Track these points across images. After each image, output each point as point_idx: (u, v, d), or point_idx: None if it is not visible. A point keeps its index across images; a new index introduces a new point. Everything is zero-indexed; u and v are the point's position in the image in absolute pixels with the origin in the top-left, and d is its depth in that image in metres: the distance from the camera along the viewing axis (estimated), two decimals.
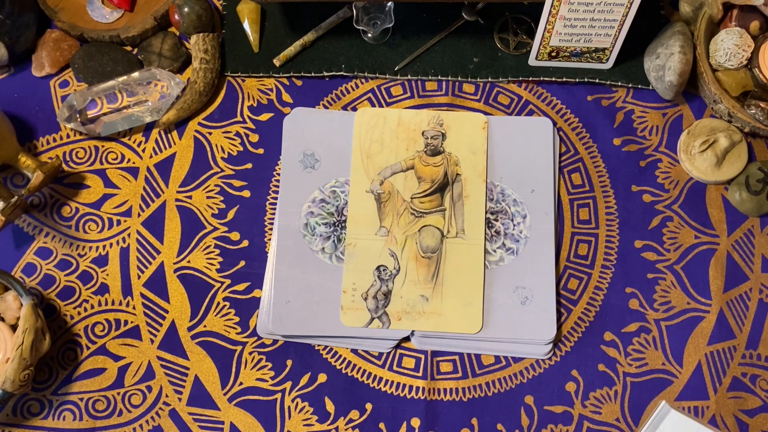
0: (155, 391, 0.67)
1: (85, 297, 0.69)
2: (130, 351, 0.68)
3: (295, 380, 0.67)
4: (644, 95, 0.75)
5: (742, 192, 0.70)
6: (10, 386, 0.60)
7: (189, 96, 0.73)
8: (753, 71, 0.72)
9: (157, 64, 0.75)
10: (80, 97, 0.72)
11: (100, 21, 0.76)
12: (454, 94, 0.75)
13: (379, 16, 0.74)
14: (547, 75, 0.74)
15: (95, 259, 0.70)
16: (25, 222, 0.71)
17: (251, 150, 0.73)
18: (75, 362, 0.67)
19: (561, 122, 0.74)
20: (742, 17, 0.73)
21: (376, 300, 0.67)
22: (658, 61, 0.72)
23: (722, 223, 0.71)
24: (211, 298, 0.69)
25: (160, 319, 0.69)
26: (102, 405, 0.66)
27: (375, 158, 0.71)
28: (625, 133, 0.74)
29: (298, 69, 0.75)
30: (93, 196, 0.72)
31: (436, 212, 0.70)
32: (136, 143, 0.74)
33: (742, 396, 0.66)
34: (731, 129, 0.72)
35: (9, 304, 0.64)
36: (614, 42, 0.71)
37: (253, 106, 0.75)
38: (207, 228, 0.71)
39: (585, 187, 0.72)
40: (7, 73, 0.76)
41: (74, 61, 0.75)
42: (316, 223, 0.70)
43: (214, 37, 0.74)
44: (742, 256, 0.70)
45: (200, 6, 0.73)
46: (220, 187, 0.72)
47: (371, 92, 0.75)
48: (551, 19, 0.69)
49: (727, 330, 0.68)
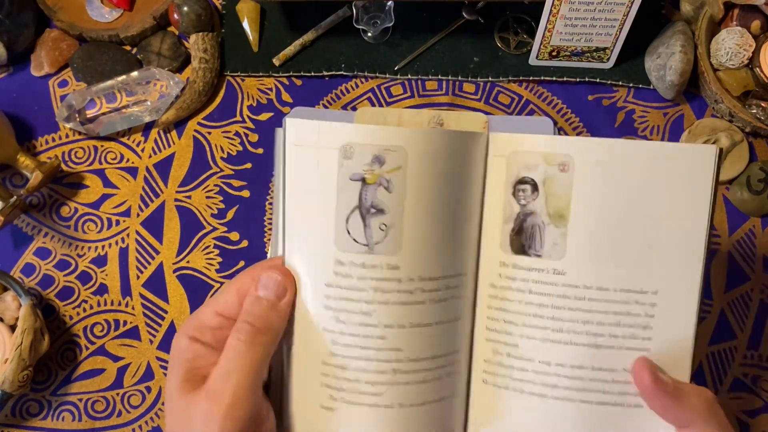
0: (155, 391, 0.67)
1: (84, 297, 0.69)
2: (129, 351, 0.68)
3: None
4: (645, 95, 0.75)
5: (744, 192, 0.70)
6: (8, 387, 0.60)
7: (188, 95, 0.72)
8: (754, 71, 0.71)
9: (156, 64, 0.75)
10: (79, 97, 0.72)
11: (99, 20, 0.76)
12: (454, 94, 0.75)
13: (378, 15, 0.74)
14: (548, 74, 0.74)
15: (94, 260, 0.70)
16: (23, 222, 0.71)
17: (251, 150, 0.73)
18: (74, 363, 0.67)
19: (562, 122, 0.74)
20: (743, 17, 0.72)
21: None
22: (659, 60, 0.71)
23: (723, 223, 0.71)
24: None
25: (160, 319, 0.68)
26: (101, 405, 0.66)
27: None
28: (626, 132, 0.73)
29: (297, 68, 0.75)
30: (92, 196, 0.72)
31: None
32: (135, 143, 0.73)
33: (743, 396, 0.66)
34: (732, 129, 0.72)
35: (8, 304, 0.64)
36: (615, 41, 0.71)
37: (253, 105, 0.74)
38: (206, 228, 0.71)
39: None
40: (5, 73, 0.76)
41: (73, 61, 0.74)
42: None
43: (214, 37, 0.74)
44: (744, 256, 0.70)
45: (200, 5, 0.73)
46: (220, 187, 0.72)
47: (371, 92, 0.75)
48: (552, 19, 0.68)
49: (728, 330, 0.68)
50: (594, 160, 0.39)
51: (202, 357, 0.39)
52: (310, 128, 0.38)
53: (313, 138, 0.38)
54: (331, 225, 0.38)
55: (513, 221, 0.40)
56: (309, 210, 0.39)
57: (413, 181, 0.38)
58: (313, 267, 0.39)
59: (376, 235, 0.38)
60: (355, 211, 0.38)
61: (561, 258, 0.39)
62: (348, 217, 0.38)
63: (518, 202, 0.40)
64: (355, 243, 0.38)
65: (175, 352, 0.40)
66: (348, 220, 0.38)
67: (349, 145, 0.38)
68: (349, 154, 0.38)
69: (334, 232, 0.38)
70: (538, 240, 0.40)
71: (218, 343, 0.39)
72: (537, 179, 0.40)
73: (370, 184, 0.38)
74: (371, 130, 0.38)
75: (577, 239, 0.39)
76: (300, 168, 0.39)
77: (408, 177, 0.38)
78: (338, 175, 0.38)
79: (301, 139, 0.39)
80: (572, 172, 0.39)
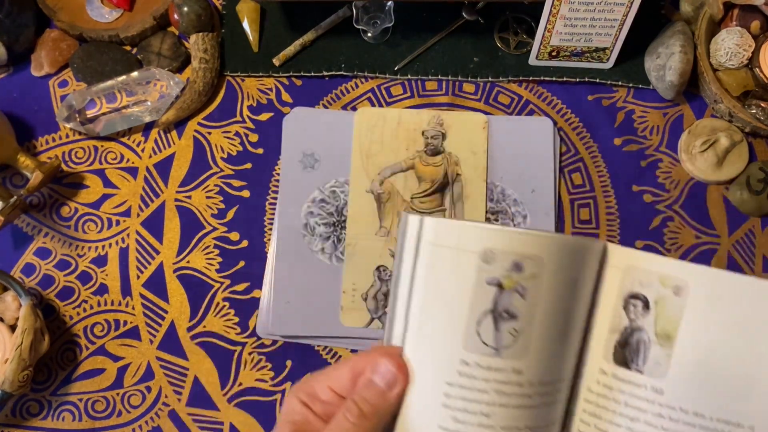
0: (155, 391, 0.67)
1: (84, 297, 0.69)
2: (129, 351, 0.68)
3: (294, 381, 0.67)
4: (645, 95, 0.75)
5: (743, 192, 0.70)
6: (9, 387, 0.60)
7: (188, 96, 0.72)
8: (754, 71, 0.71)
9: (156, 64, 0.75)
10: (79, 97, 0.72)
11: (99, 20, 0.76)
12: (454, 94, 0.75)
13: (378, 15, 0.74)
14: (548, 75, 0.74)
15: (94, 260, 0.70)
16: (24, 222, 0.71)
17: (251, 150, 0.73)
18: (74, 363, 0.67)
19: (561, 122, 0.74)
20: (742, 17, 0.72)
21: (376, 300, 0.67)
22: (659, 60, 0.71)
23: (723, 224, 0.71)
24: (210, 299, 0.69)
25: (160, 319, 0.68)
26: (101, 405, 0.66)
27: (375, 158, 0.71)
28: (626, 132, 0.73)
29: (297, 69, 0.75)
30: (92, 196, 0.72)
31: (437, 212, 0.70)
32: (135, 143, 0.73)
33: None
34: (732, 129, 0.72)
35: (8, 304, 0.64)
36: (615, 41, 0.71)
37: (253, 105, 0.74)
38: (206, 228, 0.71)
39: (585, 187, 0.72)
40: (6, 73, 0.76)
41: (73, 61, 0.74)
42: (316, 223, 0.69)
43: (214, 37, 0.74)
44: (743, 256, 0.70)
45: (200, 5, 0.73)
46: (220, 187, 0.72)
47: (371, 92, 0.75)
48: (552, 19, 0.68)
49: None
50: (710, 290, 0.39)
51: (310, 423, 0.40)
52: (451, 229, 0.38)
53: (453, 240, 0.38)
54: (461, 325, 0.38)
55: (620, 333, 0.41)
56: (439, 308, 0.39)
57: (546, 289, 0.39)
58: (435, 364, 0.39)
59: (506, 339, 0.38)
60: (487, 315, 0.38)
61: (662, 377, 0.39)
62: (480, 319, 0.38)
63: (628, 316, 0.41)
64: (483, 345, 0.38)
65: (286, 410, 0.42)
66: (480, 322, 0.38)
67: (490, 250, 0.37)
68: (489, 259, 0.38)
69: (464, 332, 0.38)
70: (642, 356, 0.40)
71: (326, 415, 0.41)
72: (650, 297, 0.40)
73: (505, 290, 0.38)
74: (513, 236, 0.38)
75: (681, 362, 0.39)
76: (435, 267, 0.39)
77: (543, 284, 0.38)
78: (476, 278, 0.38)
79: (440, 240, 0.38)
80: (686, 298, 0.39)
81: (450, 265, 0.38)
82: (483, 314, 0.38)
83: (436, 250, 0.39)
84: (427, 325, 0.39)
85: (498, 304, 0.38)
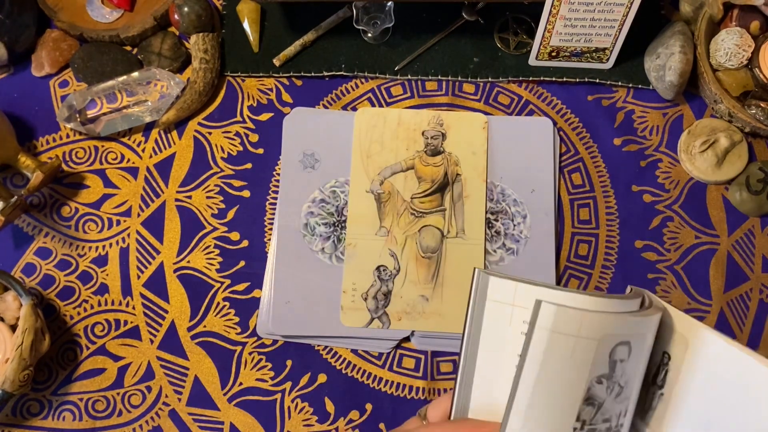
0: (155, 391, 0.67)
1: (84, 297, 0.69)
2: (129, 351, 0.68)
3: (295, 380, 0.67)
4: (644, 95, 0.75)
5: (743, 192, 0.70)
6: (9, 386, 0.60)
7: (189, 96, 0.72)
8: (753, 71, 0.72)
9: (156, 64, 0.75)
10: (80, 97, 0.72)
11: (99, 21, 0.76)
12: (454, 94, 0.75)
13: (379, 15, 0.74)
14: (548, 75, 0.74)
15: (95, 259, 0.70)
16: (24, 222, 0.71)
17: (251, 150, 0.73)
18: (75, 362, 0.67)
19: (561, 122, 0.74)
20: (742, 17, 0.72)
21: (376, 300, 0.67)
22: (659, 61, 0.72)
23: (723, 224, 0.71)
24: (210, 299, 0.69)
25: (160, 319, 0.69)
26: (102, 405, 0.66)
27: (375, 158, 0.71)
28: (626, 133, 0.74)
29: (298, 69, 0.75)
30: (93, 196, 0.72)
31: (436, 212, 0.70)
32: (135, 143, 0.73)
33: None
34: (732, 129, 0.72)
35: (8, 304, 0.64)
36: (614, 42, 0.71)
37: (253, 105, 0.74)
38: (207, 228, 0.71)
39: (585, 187, 0.72)
40: (6, 73, 0.76)
41: (74, 61, 0.75)
42: (316, 223, 0.70)
43: (214, 37, 0.74)
44: (743, 256, 0.70)
45: (200, 6, 0.73)
46: (220, 187, 0.72)
47: (371, 92, 0.75)
48: (551, 19, 0.69)
49: (728, 330, 0.68)
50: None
51: None
52: (574, 318, 0.37)
53: (574, 327, 0.37)
54: (572, 412, 0.38)
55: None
56: (550, 393, 0.38)
57: (638, 367, 0.39)
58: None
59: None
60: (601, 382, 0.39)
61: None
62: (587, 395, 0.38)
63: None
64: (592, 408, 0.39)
65: None
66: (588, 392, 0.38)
67: (609, 335, 0.37)
68: (607, 343, 0.37)
69: (577, 408, 0.38)
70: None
71: None
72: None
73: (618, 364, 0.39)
74: (628, 319, 0.38)
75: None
76: (551, 353, 0.38)
77: (630, 362, 0.39)
78: (592, 365, 0.37)
79: (559, 327, 0.37)
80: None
81: (568, 352, 0.37)
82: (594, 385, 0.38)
83: (554, 337, 0.37)
84: (532, 409, 0.38)
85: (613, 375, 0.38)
